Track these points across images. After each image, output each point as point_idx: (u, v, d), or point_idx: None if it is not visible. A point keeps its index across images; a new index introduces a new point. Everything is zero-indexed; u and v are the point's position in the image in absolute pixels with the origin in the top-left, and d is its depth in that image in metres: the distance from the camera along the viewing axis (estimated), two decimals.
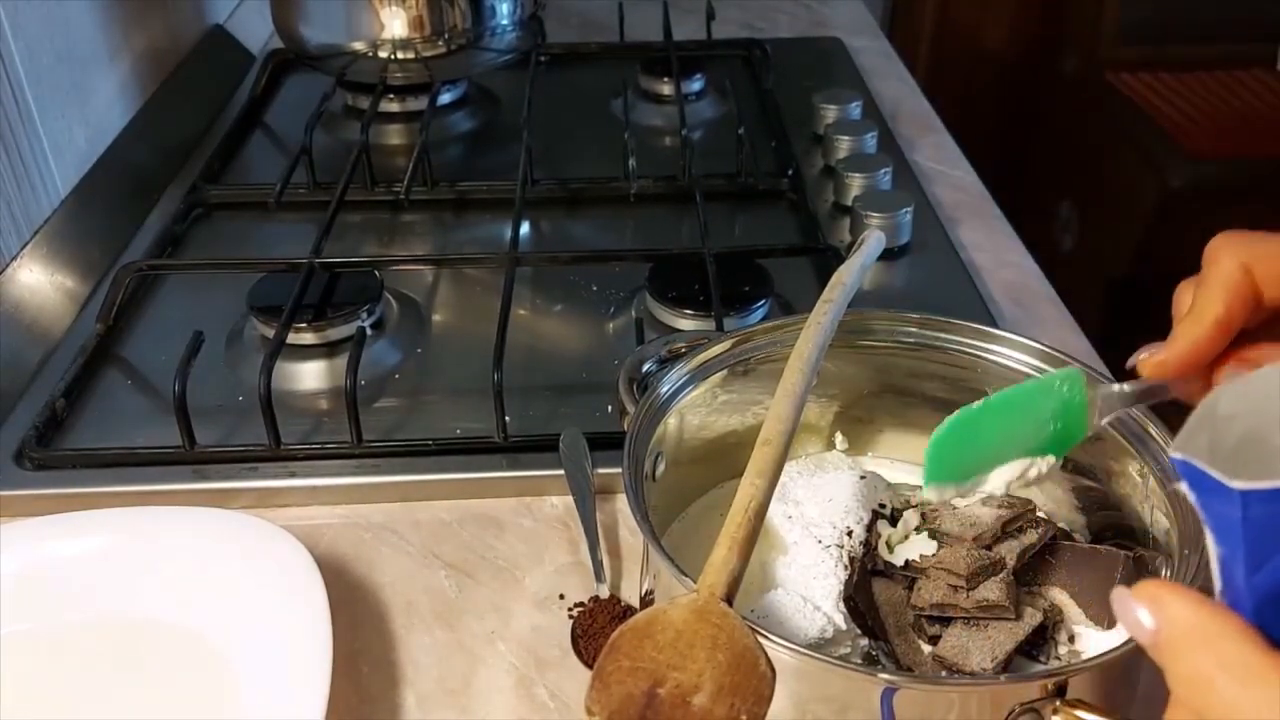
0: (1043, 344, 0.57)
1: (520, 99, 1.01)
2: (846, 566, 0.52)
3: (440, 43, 1.00)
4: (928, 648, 0.51)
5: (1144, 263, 1.72)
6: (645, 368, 0.59)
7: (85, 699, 0.53)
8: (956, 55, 2.09)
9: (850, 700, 0.43)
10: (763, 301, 0.76)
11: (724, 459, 0.59)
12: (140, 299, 0.81)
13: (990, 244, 0.91)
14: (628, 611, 0.57)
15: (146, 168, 0.98)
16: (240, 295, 0.77)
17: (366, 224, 0.92)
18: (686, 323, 0.76)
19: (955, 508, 0.55)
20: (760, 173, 0.94)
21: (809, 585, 0.51)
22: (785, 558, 0.53)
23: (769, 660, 0.38)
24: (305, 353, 0.74)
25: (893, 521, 0.56)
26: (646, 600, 0.53)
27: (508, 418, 0.66)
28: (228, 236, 0.91)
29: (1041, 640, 0.51)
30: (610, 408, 0.69)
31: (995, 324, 0.60)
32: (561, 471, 0.63)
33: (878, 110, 1.08)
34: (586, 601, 0.58)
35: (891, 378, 0.61)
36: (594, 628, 0.57)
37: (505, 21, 1.02)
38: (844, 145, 0.98)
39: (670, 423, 0.56)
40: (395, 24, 0.98)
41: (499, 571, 0.61)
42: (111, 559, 0.58)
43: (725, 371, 0.58)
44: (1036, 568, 0.53)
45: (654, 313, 0.77)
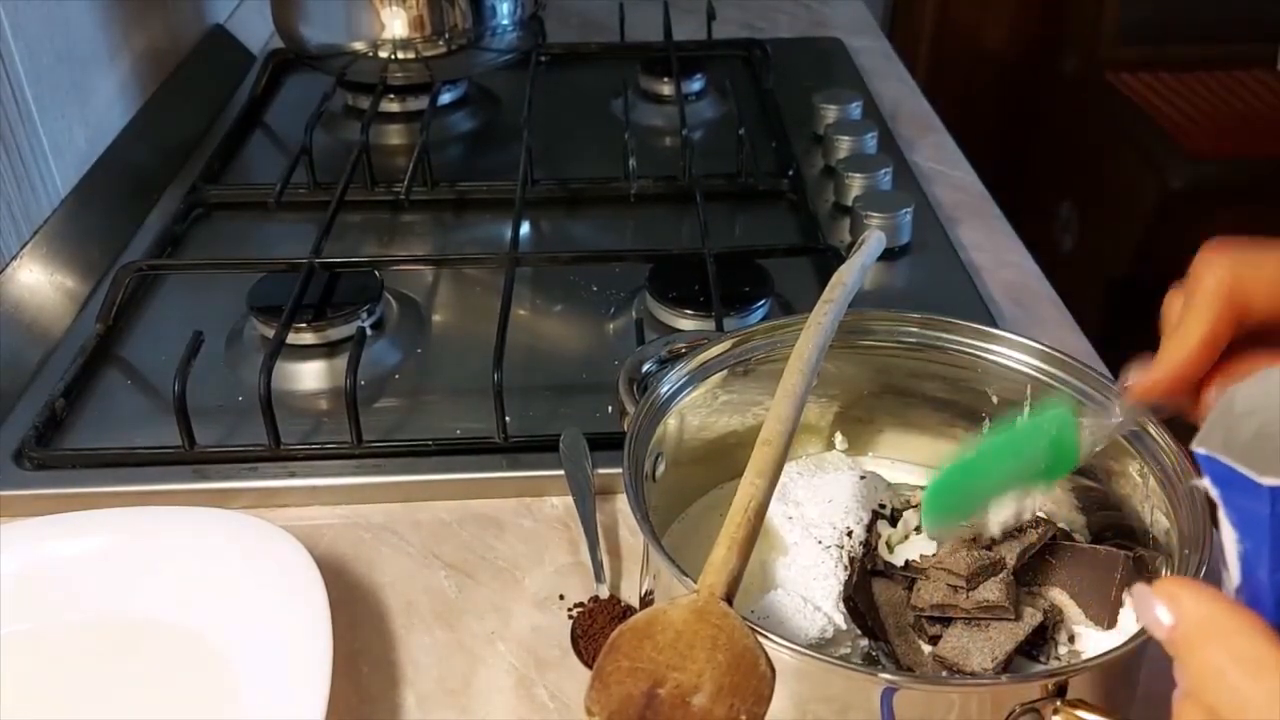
0: (1043, 344, 0.57)
1: (520, 99, 1.01)
2: (846, 567, 0.52)
3: (440, 43, 1.00)
4: (928, 648, 0.51)
5: (1144, 263, 1.72)
6: (645, 368, 0.59)
7: (85, 699, 0.53)
8: (956, 55, 2.09)
9: (850, 700, 0.43)
10: (763, 302, 0.76)
11: (724, 459, 0.59)
12: (140, 299, 0.81)
13: (990, 244, 0.91)
14: (628, 612, 0.57)
15: (146, 168, 0.98)
16: (240, 295, 0.77)
17: (366, 224, 0.92)
18: (686, 323, 0.76)
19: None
20: (760, 173, 0.94)
21: (809, 585, 0.51)
22: (785, 558, 0.53)
23: (769, 660, 0.38)
24: (305, 353, 0.74)
25: (893, 521, 0.56)
26: (646, 600, 0.53)
27: (508, 418, 0.66)
28: (228, 236, 0.91)
29: (1041, 640, 0.51)
30: (610, 408, 0.69)
31: (995, 324, 0.60)
32: (561, 472, 0.63)
33: (878, 110, 1.08)
34: (586, 602, 0.58)
35: (892, 378, 0.61)
36: (594, 628, 0.57)
37: (505, 21, 1.02)
38: (844, 145, 0.98)
39: (670, 423, 0.56)
40: (395, 24, 0.98)
41: (499, 572, 0.61)
42: (111, 559, 0.58)
43: (725, 372, 0.58)
44: (1036, 568, 0.53)
45: (654, 313, 0.77)
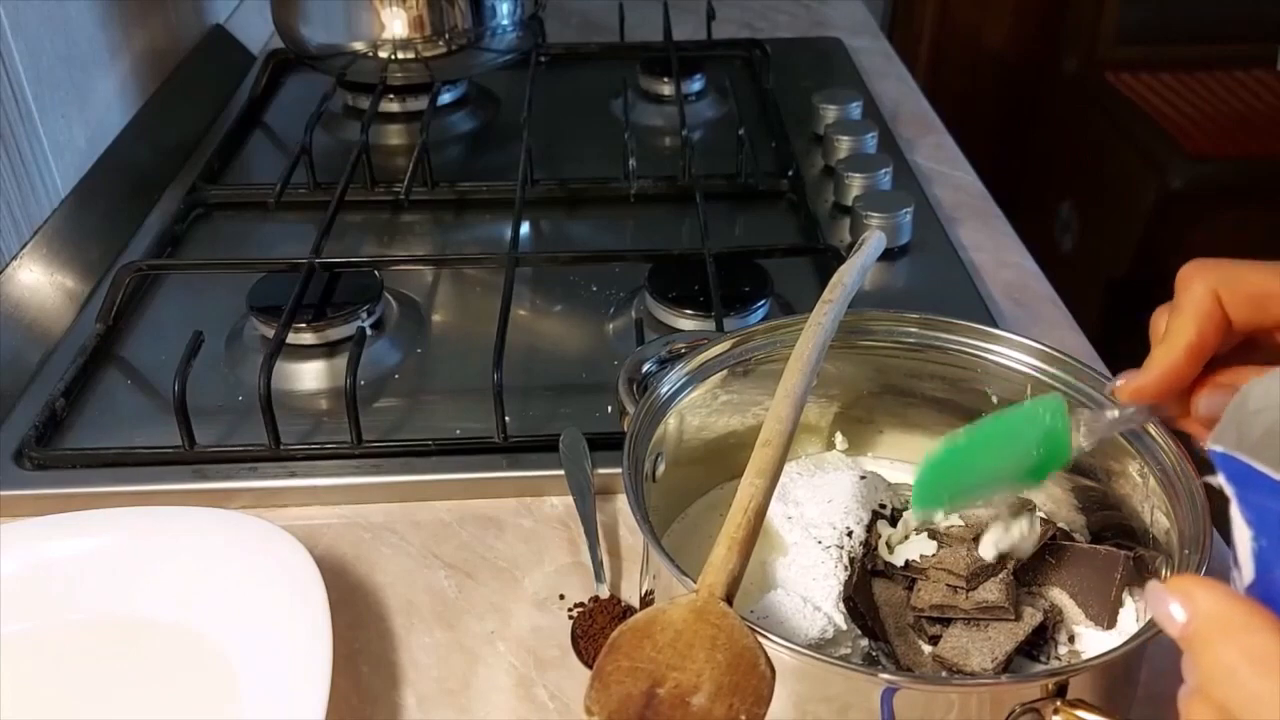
0: (1043, 344, 0.57)
1: (520, 99, 1.01)
2: (846, 567, 0.52)
3: (440, 43, 1.00)
4: (928, 648, 0.51)
5: (1144, 263, 1.73)
6: (645, 368, 0.59)
7: (85, 699, 0.53)
8: (956, 56, 2.09)
9: (850, 700, 0.43)
10: (763, 302, 0.76)
11: (724, 459, 0.59)
12: (140, 299, 0.81)
13: (990, 244, 0.91)
14: (628, 611, 0.57)
15: (146, 168, 0.98)
16: (240, 295, 0.77)
17: (366, 224, 0.92)
18: (686, 323, 0.76)
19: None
20: (760, 173, 0.94)
21: (809, 586, 0.51)
22: (785, 558, 0.53)
23: (769, 660, 0.38)
24: (305, 353, 0.74)
25: (893, 522, 0.56)
26: (646, 600, 0.53)
27: (508, 418, 0.66)
28: (228, 236, 0.91)
29: (1041, 640, 0.51)
30: (610, 408, 0.69)
31: (995, 324, 0.60)
32: (561, 471, 0.63)
33: (878, 110, 1.08)
34: (586, 601, 0.58)
35: (891, 378, 0.61)
36: (594, 628, 0.57)
37: (505, 22, 1.02)
38: (844, 145, 0.98)
39: (670, 423, 0.56)
40: (395, 24, 0.98)
41: (499, 572, 0.61)
42: (111, 559, 0.58)
43: (725, 372, 0.58)
44: (1036, 568, 0.53)
45: (654, 313, 0.77)
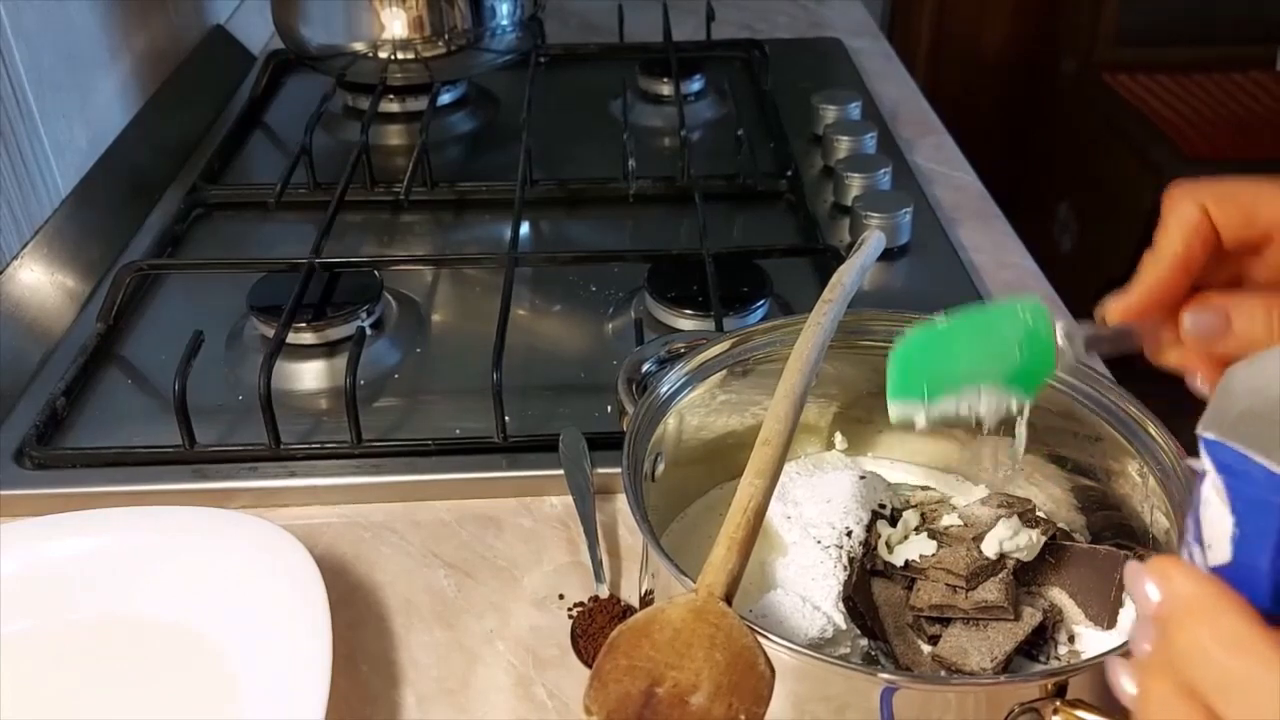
0: None
1: (520, 99, 1.01)
2: (846, 567, 0.52)
3: (440, 43, 1.00)
4: (927, 648, 0.51)
5: None
6: (645, 368, 0.59)
7: (85, 699, 0.53)
8: (956, 56, 2.09)
9: (849, 700, 0.43)
10: (762, 302, 0.77)
11: (723, 459, 0.59)
12: (140, 299, 0.81)
13: (990, 244, 0.91)
14: (627, 611, 0.57)
15: (146, 168, 0.98)
16: (240, 295, 0.77)
17: (366, 224, 0.93)
18: (686, 323, 0.76)
19: (954, 507, 0.55)
20: (759, 173, 0.94)
21: (808, 585, 0.51)
22: (784, 558, 0.53)
23: (768, 660, 0.38)
24: (305, 353, 0.74)
25: (892, 521, 0.56)
26: (646, 600, 0.53)
27: (507, 418, 0.66)
28: (228, 236, 0.91)
29: (1041, 640, 0.51)
30: (610, 408, 0.69)
31: None
32: (561, 471, 0.63)
33: (877, 111, 1.08)
34: (586, 601, 0.59)
35: None
36: (593, 627, 0.57)
37: (505, 22, 1.02)
38: (843, 146, 0.98)
39: (670, 423, 0.56)
40: (395, 24, 0.98)
41: (498, 571, 0.61)
42: (111, 559, 0.58)
43: (724, 372, 0.58)
44: (1036, 568, 0.53)
45: (653, 313, 0.77)
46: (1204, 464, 0.30)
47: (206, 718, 0.51)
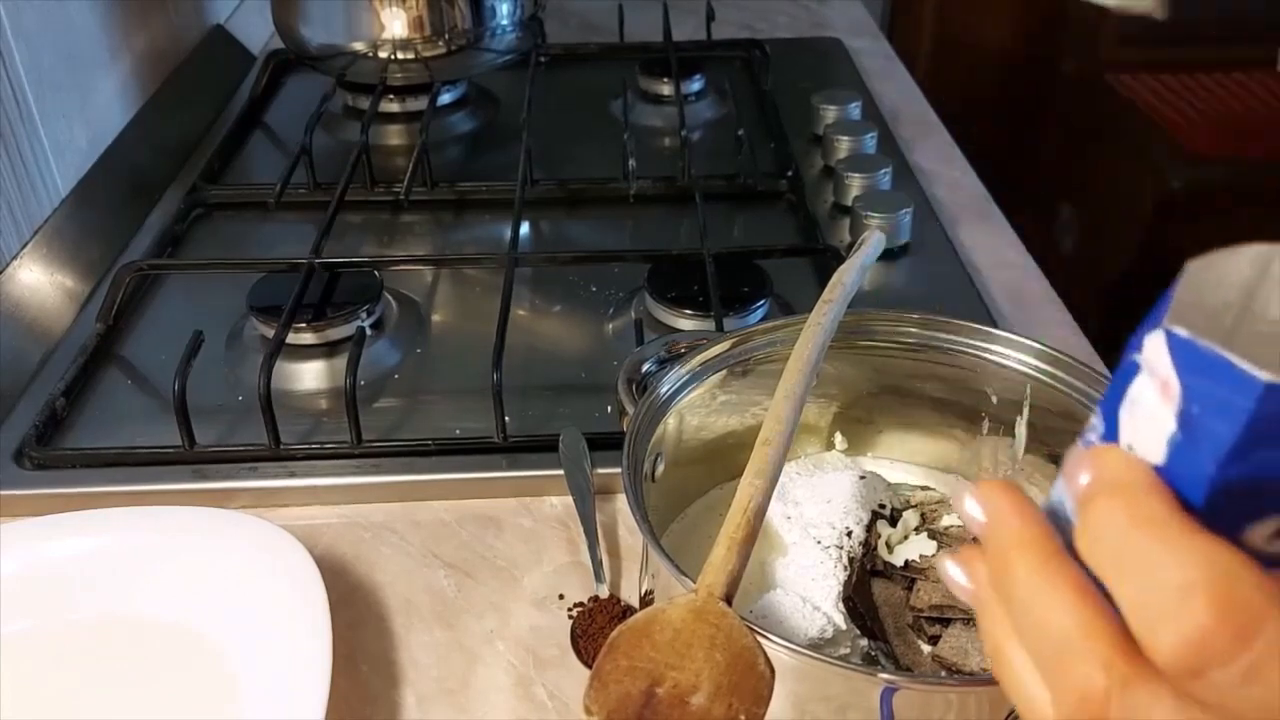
0: (1043, 344, 0.57)
1: (520, 99, 1.01)
2: (846, 567, 0.52)
3: (440, 43, 1.00)
4: (927, 648, 0.51)
5: (1144, 263, 1.72)
6: (645, 368, 0.59)
7: (85, 699, 0.53)
8: (956, 56, 2.09)
9: (849, 700, 0.43)
10: (762, 302, 0.76)
11: (723, 459, 0.59)
12: (140, 299, 0.81)
13: (990, 244, 0.91)
14: (627, 611, 0.57)
15: (146, 168, 0.98)
16: (240, 295, 0.77)
17: (366, 224, 0.93)
18: (686, 323, 0.76)
19: (953, 508, 0.55)
20: (759, 173, 0.94)
21: (808, 585, 0.51)
22: (784, 558, 0.53)
23: (768, 660, 0.38)
24: (305, 353, 0.74)
25: (892, 522, 0.56)
26: (646, 600, 0.53)
27: (507, 418, 0.66)
28: (228, 236, 0.91)
29: None
30: (610, 408, 0.69)
31: (995, 324, 0.60)
32: (561, 471, 0.63)
33: (877, 111, 1.08)
34: (586, 601, 0.59)
35: (891, 378, 0.61)
36: (593, 627, 0.57)
37: (505, 22, 1.02)
38: (843, 146, 0.98)
39: (670, 423, 0.56)
40: (395, 24, 0.98)
41: (498, 571, 0.61)
42: (111, 559, 0.58)
43: (725, 372, 0.58)
44: None
45: (653, 313, 0.77)
46: (1149, 361, 0.28)
47: (206, 718, 0.51)
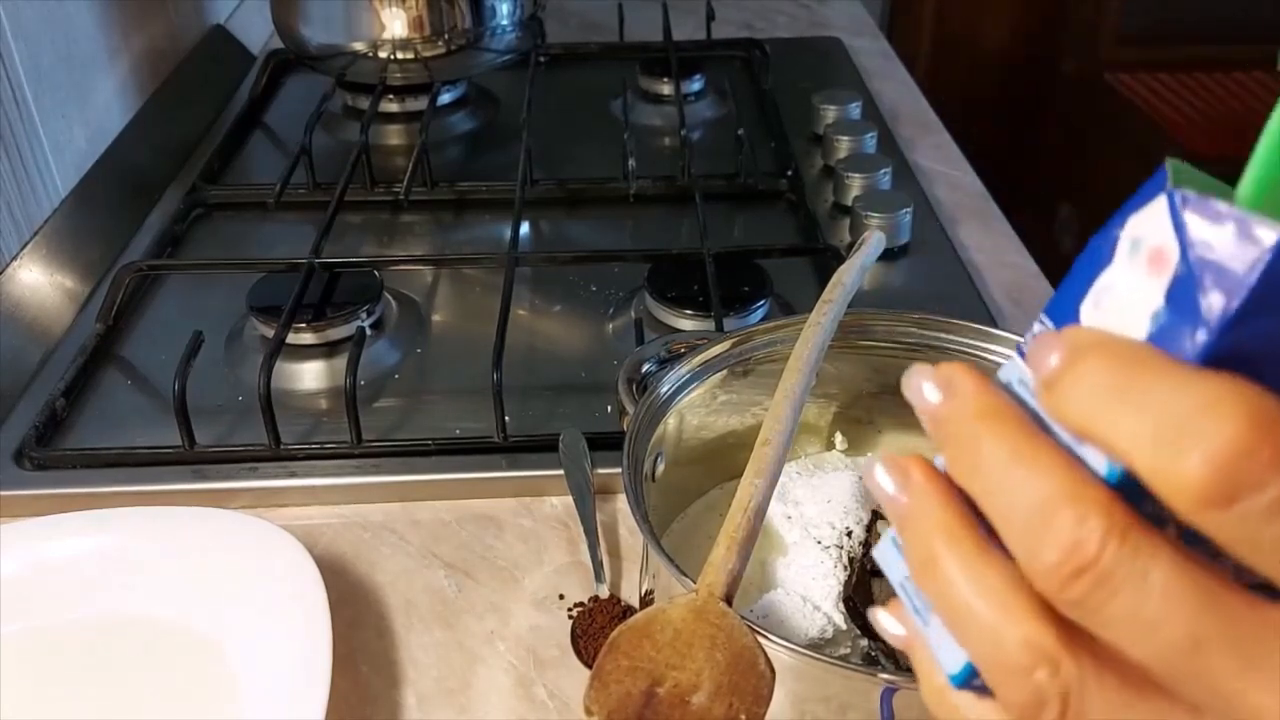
0: None
1: (520, 99, 1.01)
2: (846, 567, 0.52)
3: (440, 43, 1.00)
4: None
5: None
6: (645, 368, 0.59)
7: (85, 699, 0.53)
8: (956, 55, 2.09)
9: (849, 700, 0.43)
10: (762, 302, 0.76)
11: (724, 459, 0.59)
12: (140, 299, 0.81)
13: (990, 244, 0.91)
14: (627, 611, 0.57)
15: (146, 168, 0.98)
16: (240, 295, 0.77)
17: (366, 224, 0.93)
18: (686, 323, 0.76)
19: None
20: (759, 173, 0.94)
21: (808, 585, 0.51)
22: (785, 558, 0.53)
23: (768, 660, 0.38)
24: (305, 353, 0.74)
25: None
26: (646, 600, 0.53)
27: (507, 418, 0.66)
28: (228, 236, 0.91)
29: None
30: (610, 408, 0.69)
31: (995, 324, 0.60)
32: (561, 471, 0.63)
33: (877, 110, 1.08)
34: (586, 601, 0.59)
35: (891, 378, 0.61)
36: (593, 627, 0.57)
37: (505, 22, 1.02)
38: (843, 145, 0.98)
39: (670, 423, 0.56)
40: (395, 24, 0.98)
41: (498, 571, 0.61)
42: (111, 559, 0.58)
43: (725, 372, 0.58)
44: None
45: (653, 313, 0.77)
46: (1137, 236, 0.26)
47: (206, 718, 0.51)
